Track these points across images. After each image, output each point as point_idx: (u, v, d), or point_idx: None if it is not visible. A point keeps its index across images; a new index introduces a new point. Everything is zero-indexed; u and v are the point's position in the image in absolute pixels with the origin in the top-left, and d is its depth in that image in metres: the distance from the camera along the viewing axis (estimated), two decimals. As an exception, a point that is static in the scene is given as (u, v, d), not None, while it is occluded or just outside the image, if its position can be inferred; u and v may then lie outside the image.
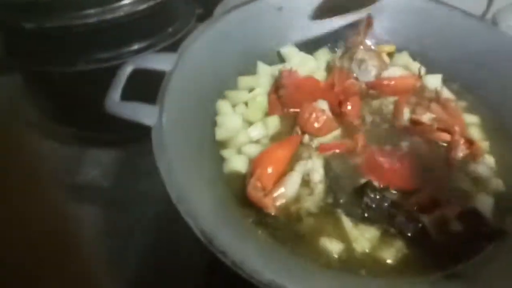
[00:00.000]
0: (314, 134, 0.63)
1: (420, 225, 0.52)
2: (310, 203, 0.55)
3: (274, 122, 0.65)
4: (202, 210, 0.46)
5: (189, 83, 0.61)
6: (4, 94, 0.88)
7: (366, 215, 0.53)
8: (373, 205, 0.53)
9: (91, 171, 0.86)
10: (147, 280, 0.67)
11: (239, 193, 0.55)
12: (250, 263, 0.42)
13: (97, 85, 0.58)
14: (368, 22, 0.75)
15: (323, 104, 0.65)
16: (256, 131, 0.64)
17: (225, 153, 0.61)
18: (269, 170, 0.56)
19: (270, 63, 0.74)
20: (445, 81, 0.73)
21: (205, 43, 0.66)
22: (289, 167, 0.58)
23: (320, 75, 0.74)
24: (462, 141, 0.61)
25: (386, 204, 0.53)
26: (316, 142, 0.62)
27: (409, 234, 0.52)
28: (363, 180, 0.56)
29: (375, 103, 0.69)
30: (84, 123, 0.84)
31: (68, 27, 0.67)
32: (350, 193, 0.56)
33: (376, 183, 0.55)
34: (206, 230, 0.44)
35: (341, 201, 0.55)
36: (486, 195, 0.57)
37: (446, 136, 0.62)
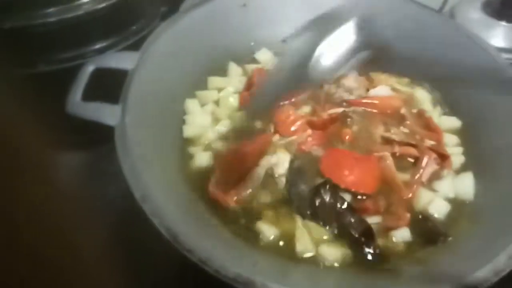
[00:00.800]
0: (287, 135, 0.63)
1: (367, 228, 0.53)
2: (270, 197, 0.56)
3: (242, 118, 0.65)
4: (168, 209, 0.46)
5: (153, 82, 0.60)
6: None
7: (315, 214, 0.54)
8: (323, 206, 0.54)
9: (58, 175, 0.84)
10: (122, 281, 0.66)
11: (205, 191, 0.55)
12: (216, 259, 0.42)
13: (59, 86, 0.56)
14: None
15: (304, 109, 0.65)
16: (224, 127, 0.64)
17: (192, 150, 0.61)
18: (233, 166, 0.57)
19: (238, 61, 0.74)
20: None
21: (168, 40, 0.65)
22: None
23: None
24: (432, 156, 0.61)
25: (338, 205, 0.54)
26: (285, 140, 0.63)
27: (356, 235, 0.53)
28: (320, 180, 0.57)
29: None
30: (49, 126, 0.81)
31: (26, 27, 0.65)
32: (305, 191, 0.56)
33: (331, 184, 0.56)
34: (171, 228, 0.44)
35: (294, 198, 0.56)
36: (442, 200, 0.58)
37: (414, 152, 0.62)
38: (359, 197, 0.57)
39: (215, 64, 0.72)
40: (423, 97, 0.72)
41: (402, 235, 0.54)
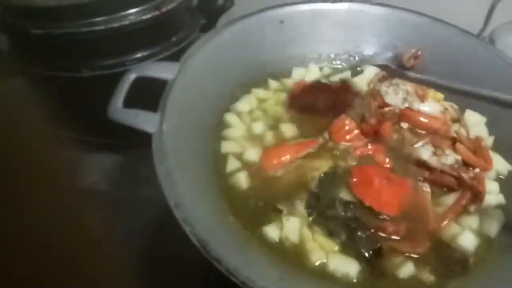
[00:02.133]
0: (341, 142, 0.64)
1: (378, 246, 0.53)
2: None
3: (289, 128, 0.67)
4: (199, 217, 0.47)
5: (191, 92, 0.62)
6: (7, 97, 0.89)
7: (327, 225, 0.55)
8: (336, 218, 0.55)
9: (91, 176, 0.87)
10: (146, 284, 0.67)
11: (238, 206, 0.57)
12: (243, 270, 0.43)
13: (100, 91, 0.59)
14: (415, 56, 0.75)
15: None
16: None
17: (230, 166, 0.62)
18: (278, 157, 0.60)
19: (274, 76, 0.76)
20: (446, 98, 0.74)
21: (208, 53, 0.67)
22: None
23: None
24: (468, 194, 0.59)
25: (350, 217, 0.55)
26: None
27: (365, 254, 0.53)
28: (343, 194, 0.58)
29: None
30: (86, 129, 0.85)
31: (75, 34, 0.69)
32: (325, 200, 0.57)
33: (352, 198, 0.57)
34: (201, 237, 0.45)
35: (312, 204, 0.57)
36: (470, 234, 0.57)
37: (452, 183, 0.61)
38: (381, 216, 0.57)
39: (252, 79, 0.74)
40: (475, 120, 0.71)
41: (406, 268, 0.52)
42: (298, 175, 0.59)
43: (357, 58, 0.79)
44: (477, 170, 0.62)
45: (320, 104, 0.69)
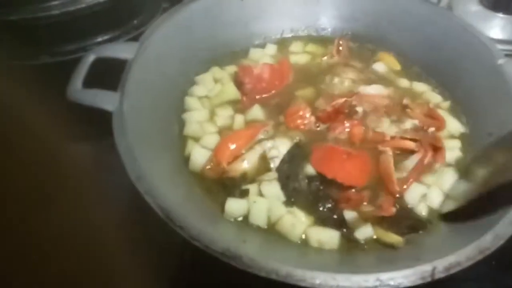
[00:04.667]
0: (293, 127, 0.64)
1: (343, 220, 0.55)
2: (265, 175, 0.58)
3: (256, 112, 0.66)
4: (161, 188, 0.47)
5: (151, 71, 0.62)
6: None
7: (292, 198, 0.56)
8: (299, 190, 0.57)
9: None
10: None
11: (200, 175, 0.57)
12: (206, 235, 0.43)
13: (62, 78, 0.58)
14: (338, 43, 0.77)
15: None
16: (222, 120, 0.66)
17: (191, 145, 0.61)
18: (231, 146, 0.59)
19: (236, 53, 0.76)
20: (406, 65, 0.76)
21: (167, 32, 0.67)
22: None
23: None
24: (430, 152, 0.61)
25: (313, 190, 0.57)
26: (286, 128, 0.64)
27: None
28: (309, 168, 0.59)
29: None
30: (51, 116, 0.84)
31: (31, 19, 0.68)
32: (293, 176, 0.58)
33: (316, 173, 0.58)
34: (164, 206, 0.45)
35: (281, 179, 0.57)
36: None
37: (411, 146, 0.63)
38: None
39: (213, 58, 0.73)
40: (423, 88, 0.73)
41: (364, 231, 0.54)
42: (258, 158, 0.59)
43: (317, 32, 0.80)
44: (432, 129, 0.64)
45: (265, 85, 0.69)
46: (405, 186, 0.58)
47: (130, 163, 0.48)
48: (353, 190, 0.58)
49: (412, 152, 0.63)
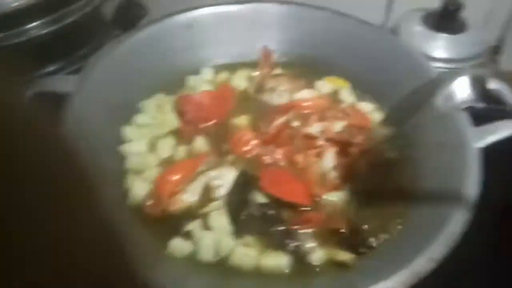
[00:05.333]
0: (241, 153, 0.64)
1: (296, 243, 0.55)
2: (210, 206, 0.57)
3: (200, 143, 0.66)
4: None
5: (92, 103, 0.61)
6: None
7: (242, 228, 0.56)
8: (251, 217, 0.56)
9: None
10: None
11: (140, 211, 0.57)
12: (143, 276, 0.42)
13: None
14: (265, 53, 0.79)
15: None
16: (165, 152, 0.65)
17: (131, 178, 0.60)
18: (173, 178, 0.59)
19: (181, 81, 0.75)
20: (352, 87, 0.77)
21: (111, 62, 0.67)
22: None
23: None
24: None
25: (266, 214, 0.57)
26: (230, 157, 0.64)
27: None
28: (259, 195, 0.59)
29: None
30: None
31: (-31, 54, 0.67)
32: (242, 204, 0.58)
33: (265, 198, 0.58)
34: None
35: (229, 209, 0.57)
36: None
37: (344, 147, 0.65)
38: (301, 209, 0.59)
39: (161, 84, 0.73)
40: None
41: (317, 252, 0.54)
42: (201, 189, 0.59)
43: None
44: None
45: (206, 113, 0.69)
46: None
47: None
48: (309, 209, 0.58)
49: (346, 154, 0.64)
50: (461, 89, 0.43)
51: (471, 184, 0.53)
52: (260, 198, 0.59)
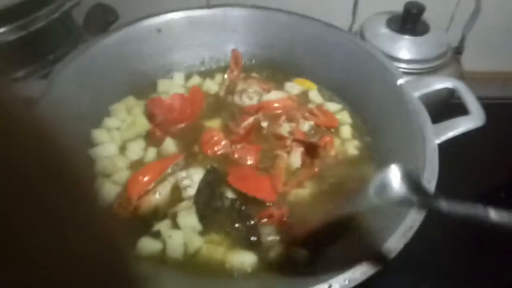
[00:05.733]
0: (210, 154, 0.66)
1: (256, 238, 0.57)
2: (179, 205, 0.58)
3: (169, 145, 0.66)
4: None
5: (60, 109, 0.61)
6: None
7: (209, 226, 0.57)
8: (219, 212, 0.58)
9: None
10: None
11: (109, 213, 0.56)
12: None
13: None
14: (235, 56, 0.80)
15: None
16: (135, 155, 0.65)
17: (100, 180, 0.60)
18: (143, 179, 0.59)
19: (153, 85, 0.77)
20: (318, 88, 0.80)
21: (78, 67, 0.67)
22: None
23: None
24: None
25: (235, 208, 0.58)
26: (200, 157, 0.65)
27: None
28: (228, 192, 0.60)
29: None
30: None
31: None
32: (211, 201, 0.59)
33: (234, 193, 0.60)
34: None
35: (199, 206, 0.58)
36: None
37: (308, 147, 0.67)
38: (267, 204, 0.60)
39: (131, 88, 0.74)
40: (333, 108, 0.78)
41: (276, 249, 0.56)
42: (170, 189, 0.60)
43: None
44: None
45: (176, 115, 0.70)
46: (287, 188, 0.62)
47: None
48: (271, 205, 0.59)
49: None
50: (393, 181, 0.42)
51: (430, 178, 0.55)
52: (228, 193, 0.60)
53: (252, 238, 0.57)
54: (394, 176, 0.42)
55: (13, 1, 0.68)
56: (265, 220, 0.59)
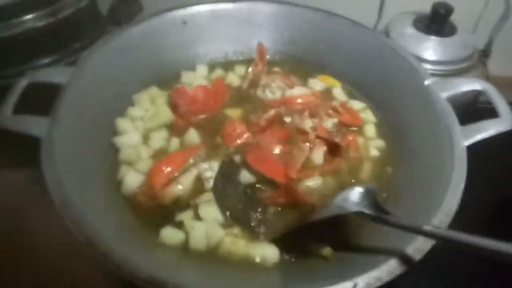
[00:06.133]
0: (233, 146, 0.65)
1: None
2: (201, 197, 0.58)
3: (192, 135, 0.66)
4: (89, 215, 0.47)
5: (86, 96, 0.62)
6: None
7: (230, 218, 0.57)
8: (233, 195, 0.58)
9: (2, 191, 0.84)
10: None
11: (132, 200, 0.57)
12: (131, 262, 0.43)
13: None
14: (260, 50, 0.80)
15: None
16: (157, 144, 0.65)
17: (124, 169, 0.60)
18: (166, 169, 0.59)
19: (177, 76, 0.77)
20: (342, 86, 0.79)
21: (105, 55, 0.67)
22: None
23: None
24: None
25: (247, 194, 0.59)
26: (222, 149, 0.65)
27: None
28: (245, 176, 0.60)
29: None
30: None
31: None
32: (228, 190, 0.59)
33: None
34: (89, 235, 0.44)
35: (217, 196, 0.58)
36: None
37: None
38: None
39: (155, 78, 0.74)
40: (357, 107, 0.77)
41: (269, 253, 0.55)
42: (193, 180, 0.60)
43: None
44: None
45: (200, 106, 0.70)
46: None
47: (55, 189, 0.47)
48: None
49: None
50: (355, 196, 0.50)
51: (459, 180, 0.54)
52: (247, 177, 0.61)
53: (257, 230, 0.56)
54: (356, 193, 0.50)
55: (44, -13, 0.69)
56: (274, 201, 0.58)
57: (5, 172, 0.84)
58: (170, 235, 0.53)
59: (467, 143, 0.59)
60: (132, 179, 0.58)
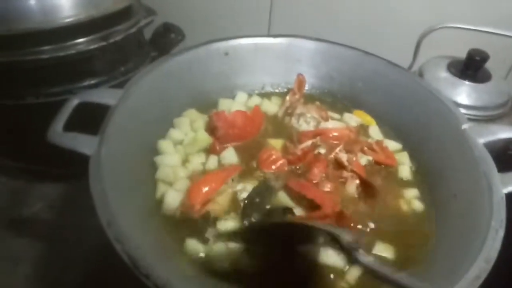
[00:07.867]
0: (269, 171, 0.67)
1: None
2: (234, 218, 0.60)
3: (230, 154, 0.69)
4: (131, 234, 0.48)
5: (132, 117, 0.64)
6: None
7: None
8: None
9: (35, 205, 0.86)
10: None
11: (171, 222, 0.58)
12: (172, 286, 0.43)
13: (46, 119, 0.59)
14: (299, 80, 0.82)
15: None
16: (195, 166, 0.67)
17: (163, 188, 0.63)
18: (204, 188, 0.61)
19: (214, 103, 0.79)
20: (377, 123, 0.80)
21: (152, 81, 0.70)
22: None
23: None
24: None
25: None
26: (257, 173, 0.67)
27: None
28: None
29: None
30: (30, 158, 0.84)
31: (19, 62, 0.70)
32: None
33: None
34: (131, 254, 0.45)
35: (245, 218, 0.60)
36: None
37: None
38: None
39: (195, 105, 0.77)
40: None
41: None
42: (228, 200, 0.61)
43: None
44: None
45: (238, 131, 0.72)
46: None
47: (102, 208, 0.49)
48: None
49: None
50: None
51: (498, 227, 0.54)
52: (285, 200, 0.63)
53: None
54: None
55: (99, 12, 0.73)
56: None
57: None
58: (193, 247, 0.55)
59: (506, 190, 0.59)
60: (172, 198, 0.60)
